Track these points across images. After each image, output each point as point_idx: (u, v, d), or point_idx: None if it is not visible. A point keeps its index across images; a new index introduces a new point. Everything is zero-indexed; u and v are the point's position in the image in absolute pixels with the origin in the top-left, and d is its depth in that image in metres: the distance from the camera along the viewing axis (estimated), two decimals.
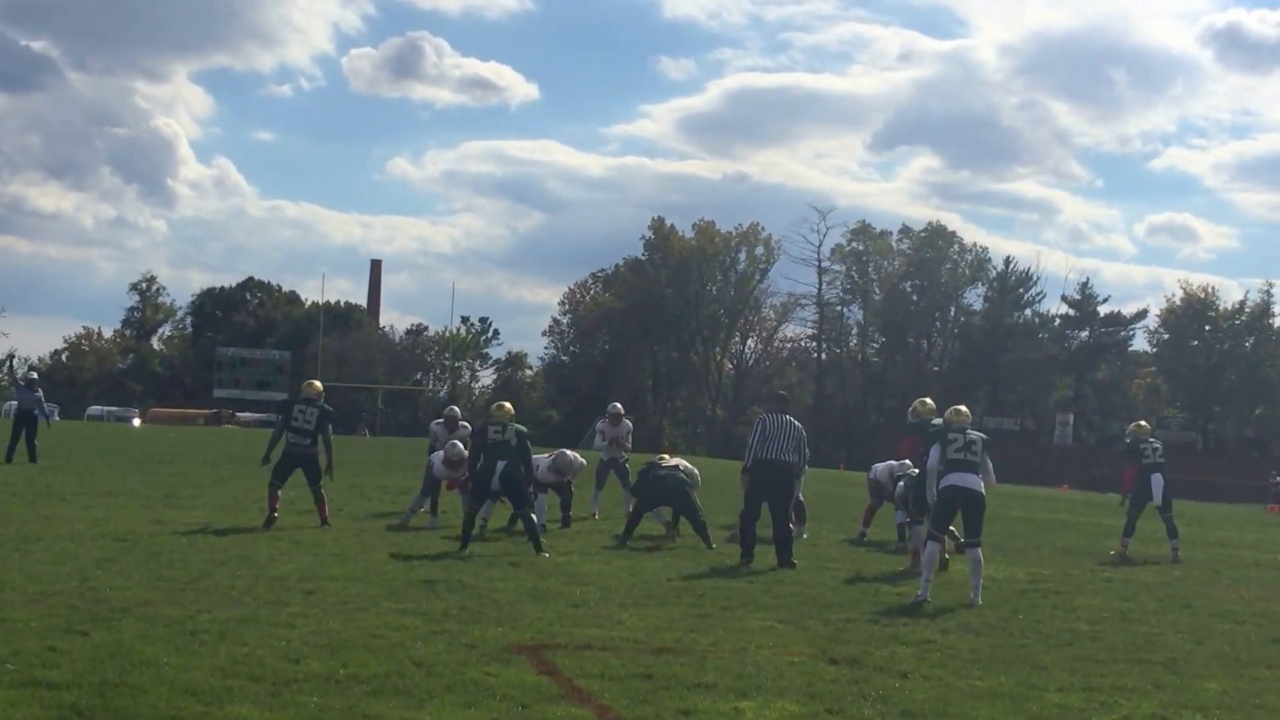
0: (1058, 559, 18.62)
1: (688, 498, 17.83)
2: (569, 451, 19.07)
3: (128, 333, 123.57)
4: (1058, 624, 12.00)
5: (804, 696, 8.11)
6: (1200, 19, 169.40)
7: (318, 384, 18.14)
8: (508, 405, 16.30)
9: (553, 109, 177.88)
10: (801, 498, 18.77)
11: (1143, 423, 20.74)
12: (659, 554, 15.97)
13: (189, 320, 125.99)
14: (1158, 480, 19.38)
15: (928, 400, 17.70)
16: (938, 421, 15.71)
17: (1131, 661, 10.15)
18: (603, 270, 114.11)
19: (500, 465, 15.39)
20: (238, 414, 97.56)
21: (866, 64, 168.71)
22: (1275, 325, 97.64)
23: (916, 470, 16.22)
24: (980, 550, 13.38)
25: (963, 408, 14.38)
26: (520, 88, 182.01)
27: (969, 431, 13.71)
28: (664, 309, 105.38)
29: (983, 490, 13.57)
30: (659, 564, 14.81)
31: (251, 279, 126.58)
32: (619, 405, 21.99)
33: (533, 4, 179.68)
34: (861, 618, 11.58)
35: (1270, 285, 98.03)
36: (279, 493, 17.03)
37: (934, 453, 13.89)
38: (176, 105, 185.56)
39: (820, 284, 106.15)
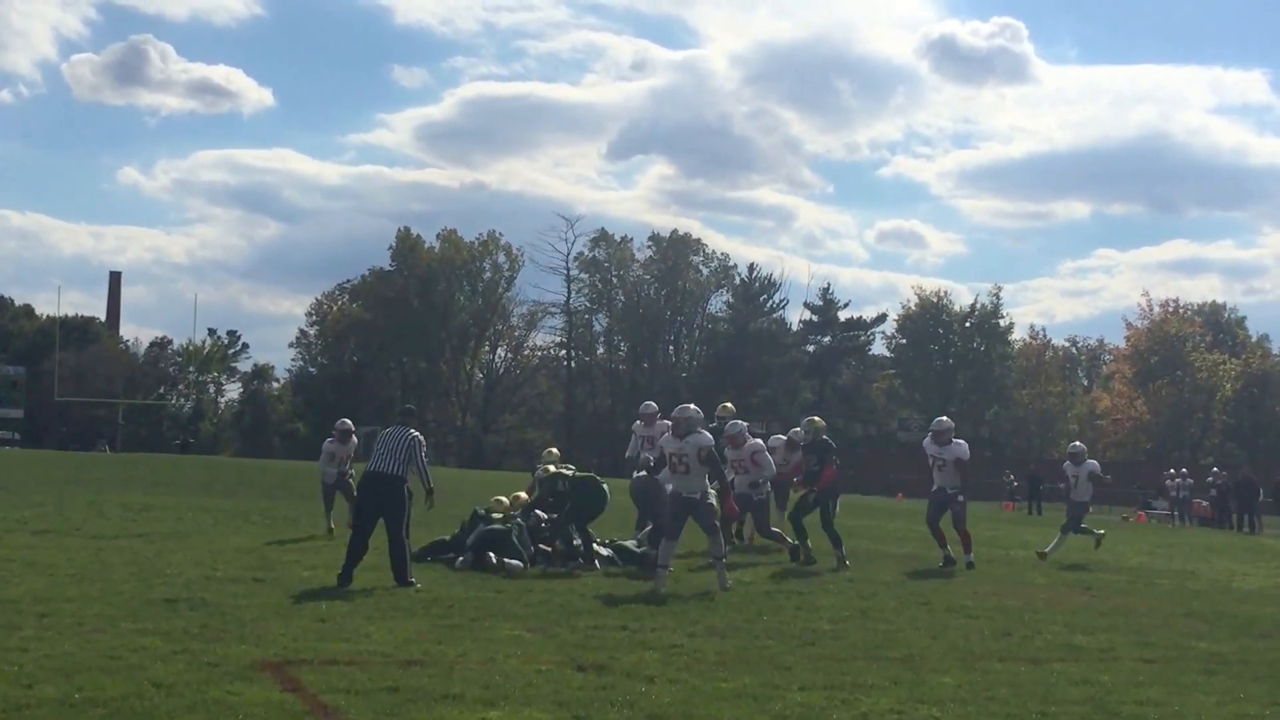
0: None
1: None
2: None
3: None
4: (801, 624, 12.27)
5: (551, 704, 8.14)
6: (918, 29, 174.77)
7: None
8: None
9: (288, 117, 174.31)
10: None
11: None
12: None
13: None
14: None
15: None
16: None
17: (871, 658, 10.44)
18: (349, 281, 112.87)
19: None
20: None
21: (601, 73, 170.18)
22: (1003, 327, 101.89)
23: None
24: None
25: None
26: (253, 94, 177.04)
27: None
28: (412, 319, 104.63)
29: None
30: None
31: None
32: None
33: (261, 9, 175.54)
34: (610, 624, 11.67)
35: (999, 289, 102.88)
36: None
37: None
38: None
39: (569, 292, 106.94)
